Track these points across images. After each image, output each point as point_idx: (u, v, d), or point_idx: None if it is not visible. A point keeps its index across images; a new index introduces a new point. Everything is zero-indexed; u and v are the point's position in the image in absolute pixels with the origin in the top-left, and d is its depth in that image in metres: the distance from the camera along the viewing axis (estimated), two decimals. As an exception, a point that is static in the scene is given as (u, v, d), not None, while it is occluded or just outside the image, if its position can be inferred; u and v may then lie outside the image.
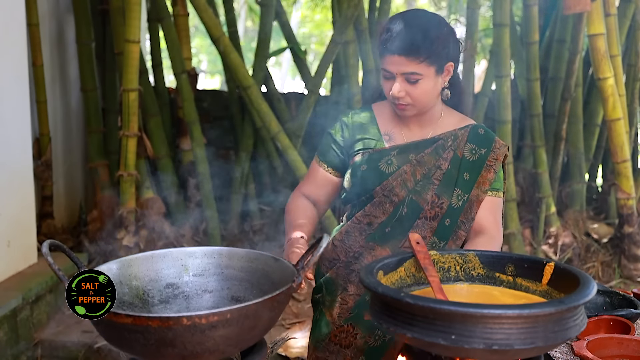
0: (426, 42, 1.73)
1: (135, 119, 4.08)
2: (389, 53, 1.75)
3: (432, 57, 1.74)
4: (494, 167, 1.87)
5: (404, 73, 1.75)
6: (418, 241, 1.47)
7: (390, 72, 1.77)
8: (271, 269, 1.47)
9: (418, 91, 1.77)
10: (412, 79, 1.75)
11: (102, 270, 1.41)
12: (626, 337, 1.50)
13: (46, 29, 4.55)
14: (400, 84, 1.76)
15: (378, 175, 1.84)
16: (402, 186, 1.83)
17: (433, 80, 1.78)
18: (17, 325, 3.36)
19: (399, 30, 1.74)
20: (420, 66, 1.74)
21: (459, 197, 1.84)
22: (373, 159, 1.86)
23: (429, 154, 1.85)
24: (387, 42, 1.75)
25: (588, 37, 4.44)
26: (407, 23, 1.75)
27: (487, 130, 1.92)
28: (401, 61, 1.74)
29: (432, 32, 1.75)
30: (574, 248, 4.79)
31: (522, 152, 5.20)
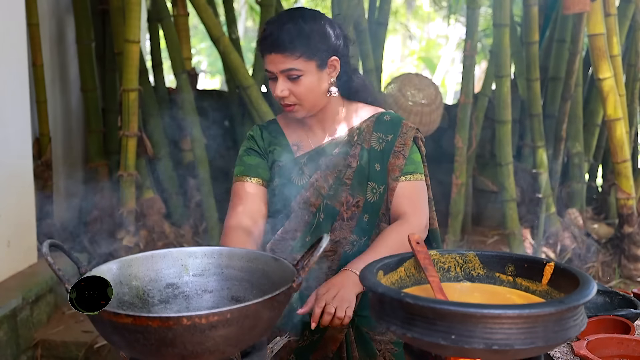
0: (301, 37, 1.71)
1: (135, 119, 4.08)
2: (267, 52, 1.74)
3: (309, 51, 1.72)
4: (403, 153, 1.83)
5: (283, 70, 1.72)
6: (418, 241, 1.47)
7: (271, 72, 1.74)
8: (271, 269, 1.47)
9: (301, 88, 1.74)
10: (293, 76, 1.72)
11: (102, 270, 1.41)
12: (626, 337, 1.50)
13: (46, 29, 4.55)
14: (283, 83, 1.74)
15: (291, 189, 1.82)
16: (316, 195, 1.81)
17: (316, 75, 1.75)
18: (17, 325, 3.36)
19: (274, 29, 1.73)
20: (298, 62, 1.71)
21: (374, 191, 1.82)
22: (284, 172, 1.84)
23: (337, 155, 1.83)
24: (263, 41, 1.74)
25: (588, 37, 4.44)
26: (281, 21, 1.74)
27: (393, 115, 1.90)
28: (278, 59, 1.71)
29: (307, 27, 1.72)
30: (574, 248, 4.79)
31: (522, 152, 5.21)
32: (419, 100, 4.82)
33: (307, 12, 1.78)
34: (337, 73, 1.80)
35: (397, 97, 4.84)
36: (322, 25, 1.76)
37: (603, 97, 4.45)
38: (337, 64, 1.79)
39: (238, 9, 10.63)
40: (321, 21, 1.77)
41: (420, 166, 1.87)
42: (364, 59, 4.86)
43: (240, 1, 10.77)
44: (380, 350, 1.89)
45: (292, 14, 1.77)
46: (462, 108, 4.81)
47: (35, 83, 4.33)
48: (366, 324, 1.88)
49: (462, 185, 4.87)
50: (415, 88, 4.84)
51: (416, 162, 1.86)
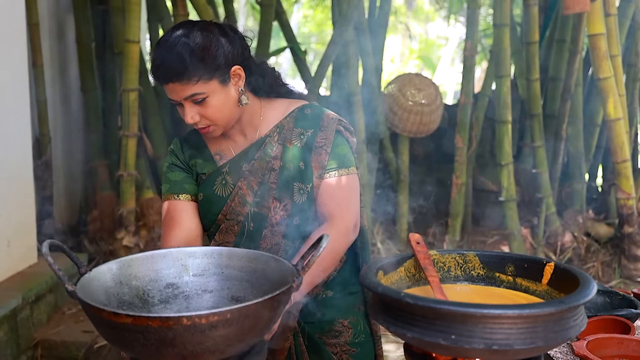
0: (193, 60, 1.60)
1: (135, 119, 4.08)
2: (163, 83, 1.64)
3: (206, 72, 1.61)
4: (325, 148, 1.72)
5: (187, 97, 1.63)
6: (418, 241, 1.47)
7: (175, 100, 1.66)
8: (271, 269, 1.47)
9: (210, 110, 1.65)
10: (198, 100, 1.63)
11: (102, 270, 1.41)
12: (626, 337, 1.50)
13: (46, 29, 4.55)
14: (190, 109, 1.64)
15: (216, 201, 1.76)
16: (242, 204, 1.74)
17: (222, 93, 1.65)
18: (17, 325, 3.36)
19: (163, 57, 1.62)
20: (198, 86, 1.61)
21: (302, 191, 1.73)
22: (207, 184, 1.77)
23: (259, 159, 1.74)
24: (156, 73, 1.64)
25: (588, 37, 4.45)
26: (169, 47, 1.62)
27: (314, 107, 1.79)
28: (177, 87, 1.62)
29: (196, 47, 1.61)
30: (574, 248, 4.79)
31: (522, 152, 5.21)
32: (419, 100, 4.82)
33: (193, 29, 1.65)
34: (243, 81, 1.70)
35: (397, 97, 4.84)
36: (213, 39, 1.64)
37: (603, 97, 4.45)
38: (240, 72, 1.69)
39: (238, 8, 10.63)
40: (210, 35, 1.64)
41: (346, 159, 1.75)
42: (364, 59, 4.87)
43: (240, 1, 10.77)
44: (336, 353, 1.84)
45: (178, 36, 1.63)
46: (462, 108, 4.81)
47: (35, 83, 4.33)
48: (317, 330, 1.83)
49: (462, 185, 4.87)
50: (415, 88, 4.84)
51: (341, 156, 1.75)
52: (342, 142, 1.77)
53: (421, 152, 5.54)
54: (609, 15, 4.44)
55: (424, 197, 5.41)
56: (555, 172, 5.07)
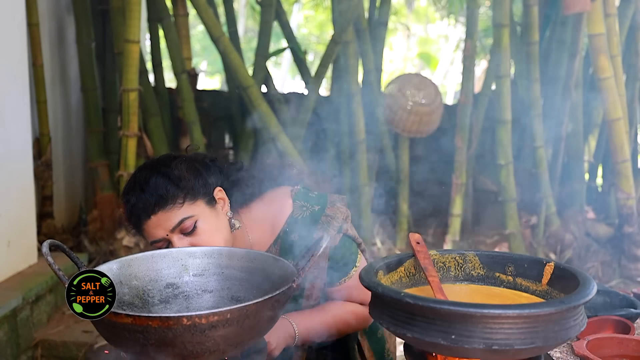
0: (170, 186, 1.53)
1: (135, 119, 4.08)
2: (145, 219, 1.53)
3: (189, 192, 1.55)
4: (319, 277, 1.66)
5: (174, 228, 1.54)
6: (418, 241, 1.47)
7: (162, 238, 1.55)
8: (271, 269, 1.47)
9: (203, 236, 1.56)
10: (188, 228, 1.55)
11: (102, 270, 1.41)
12: (626, 337, 1.50)
13: (46, 29, 4.55)
14: (181, 242, 1.55)
15: None
16: None
17: (211, 215, 1.58)
18: (17, 325, 3.36)
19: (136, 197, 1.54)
20: (184, 209, 1.54)
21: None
22: None
23: None
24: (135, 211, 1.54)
25: (588, 37, 4.44)
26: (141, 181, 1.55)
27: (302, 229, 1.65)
28: (161, 219, 1.53)
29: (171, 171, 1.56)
30: (574, 248, 4.79)
31: (522, 152, 5.20)
32: (419, 100, 4.82)
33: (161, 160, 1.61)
34: (228, 205, 1.63)
35: (397, 97, 4.84)
36: (185, 163, 1.59)
37: (603, 97, 4.45)
38: (223, 195, 1.63)
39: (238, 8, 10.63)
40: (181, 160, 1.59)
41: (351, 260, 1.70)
42: (364, 59, 4.86)
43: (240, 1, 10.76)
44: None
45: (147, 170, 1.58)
46: (462, 108, 4.81)
47: (35, 83, 4.32)
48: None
49: (462, 185, 4.87)
50: (415, 88, 4.84)
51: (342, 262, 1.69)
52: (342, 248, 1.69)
53: (421, 152, 5.54)
54: (609, 15, 4.44)
55: (424, 197, 5.41)
56: (555, 172, 5.07)
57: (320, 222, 1.65)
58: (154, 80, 4.96)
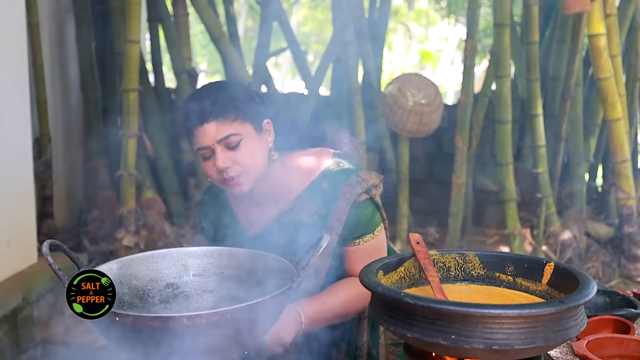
0: (231, 100, 1.62)
1: (135, 119, 4.08)
2: (197, 125, 1.61)
3: (242, 113, 1.62)
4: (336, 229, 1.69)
5: (221, 139, 1.60)
6: (418, 241, 1.47)
7: (207, 147, 1.61)
8: (271, 269, 1.47)
9: (243, 154, 1.61)
10: (232, 143, 1.60)
11: (102, 270, 1.41)
12: (626, 337, 1.50)
13: (46, 29, 4.55)
14: (223, 154, 1.61)
15: None
16: None
17: (255, 139, 1.64)
18: (18, 325, 3.36)
19: (199, 100, 1.63)
20: (235, 125, 1.60)
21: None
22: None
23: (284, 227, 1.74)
24: (190, 115, 1.62)
25: (588, 37, 4.44)
26: (203, 92, 1.66)
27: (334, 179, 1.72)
28: (213, 128, 1.59)
29: (232, 90, 1.65)
30: (574, 248, 4.79)
31: (522, 152, 5.20)
32: (419, 100, 4.82)
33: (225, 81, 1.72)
34: (272, 138, 1.70)
35: (397, 97, 4.84)
36: (245, 89, 1.69)
37: (603, 97, 4.45)
38: (271, 128, 1.70)
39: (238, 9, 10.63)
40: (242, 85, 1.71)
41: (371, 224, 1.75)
42: (364, 59, 4.86)
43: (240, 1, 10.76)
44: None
45: (210, 85, 1.70)
46: (462, 108, 4.81)
47: (35, 83, 4.32)
48: None
49: (462, 185, 4.87)
50: (415, 88, 4.84)
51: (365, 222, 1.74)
52: (365, 209, 1.73)
53: (421, 152, 5.54)
54: (609, 15, 4.44)
55: (424, 197, 5.41)
56: (555, 172, 5.07)
57: (351, 180, 1.71)
58: (154, 80, 4.96)
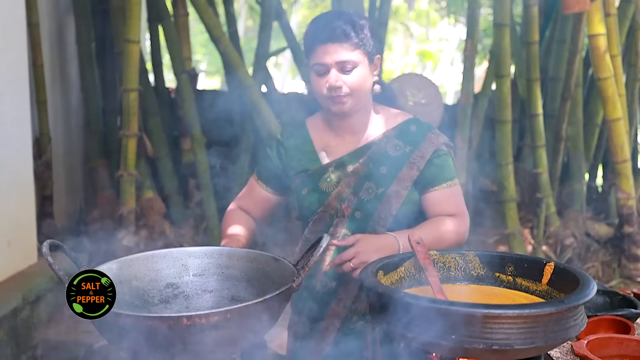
0: (357, 29, 1.74)
1: (135, 119, 4.08)
2: (321, 43, 1.73)
3: (364, 43, 1.75)
4: (417, 164, 1.81)
5: (339, 62, 1.72)
6: (418, 241, 1.47)
7: (325, 64, 1.73)
8: (271, 269, 1.47)
9: (354, 79, 1.74)
10: (347, 68, 1.73)
11: (102, 270, 1.41)
12: (626, 337, 1.50)
13: (46, 29, 4.55)
14: (336, 74, 1.74)
15: (319, 196, 1.83)
16: (338, 200, 1.82)
17: (367, 69, 1.78)
18: (17, 325, 3.36)
19: (329, 20, 1.75)
20: (355, 53, 1.73)
21: (370, 191, 1.81)
22: (313, 179, 1.84)
23: (362, 163, 1.82)
24: (317, 33, 1.74)
25: (588, 37, 4.44)
26: (334, 15, 1.80)
27: (421, 125, 1.88)
28: (335, 49, 1.72)
29: (361, 20, 1.77)
30: (574, 248, 4.79)
31: (522, 152, 5.20)
32: (419, 100, 4.82)
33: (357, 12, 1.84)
34: (378, 73, 1.84)
35: (397, 97, 4.84)
36: (370, 25, 1.81)
37: (603, 97, 4.45)
38: (379, 64, 1.83)
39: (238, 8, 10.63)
40: (368, 21, 1.81)
41: (451, 173, 1.87)
42: (364, 59, 4.86)
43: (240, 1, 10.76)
44: None
45: (342, 10, 1.83)
46: (462, 108, 4.80)
47: (35, 83, 4.32)
48: None
49: (462, 185, 4.87)
50: (415, 88, 4.84)
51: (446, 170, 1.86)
52: (447, 158, 1.86)
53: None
54: (609, 15, 4.44)
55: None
56: (555, 172, 5.06)
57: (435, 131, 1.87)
58: (154, 80, 4.96)
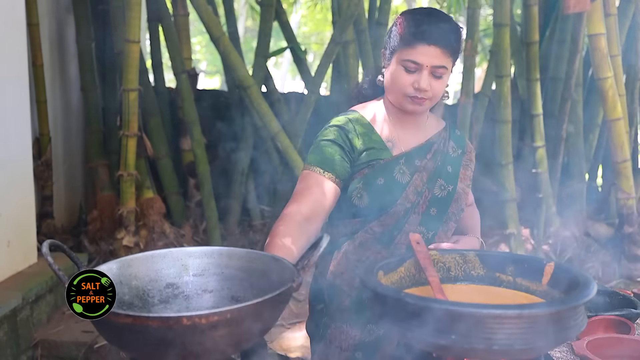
0: (459, 38, 1.74)
1: (135, 119, 4.08)
2: (423, 43, 1.69)
3: (456, 53, 1.74)
4: (471, 167, 1.93)
5: (434, 66, 1.70)
6: (418, 241, 1.47)
7: (418, 64, 1.70)
8: (271, 269, 1.47)
9: (440, 86, 1.74)
10: (438, 73, 1.71)
11: (102, 270, 1.41)
12: (626, 337, 1.50)
13: (46, 29, 4.55)
14: (427, 77, 1.71)
15: (397, 187, 1.79)
16: (415, 193, 1.81)
17: (448, 77, 1.78)
18: (17, 325, 3.36)
19: (437, 21, 1.71)
20: (449, 60, 1.72)
21: (443, 188, 1.84)
22: (387, 170, 1.80)
23: (430, 160, 1.84)
24: (422, 31, 1.69)
25: (588, 37, 4.44)
26: (442, 17, 1.75)
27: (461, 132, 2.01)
28: (434, 52, 1.69)
29: (459, 29, 1.76)
30: (574, 248, 4.79)
31: (522, 152, 5.20)
32: (419, 100, 4.81)
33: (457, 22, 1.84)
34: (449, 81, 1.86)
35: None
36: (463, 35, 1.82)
37: (603, 97, 4.45)
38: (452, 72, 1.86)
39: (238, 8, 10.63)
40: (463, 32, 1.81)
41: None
42: (364, 59, 4.86)
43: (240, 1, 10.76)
44: None
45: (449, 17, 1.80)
46: (462, 108, 4.80)
47: (35, 83, 4.33)
48: None
49: (462, 185, 4.86)
50: (415, 88, 4.84)
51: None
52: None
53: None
54: (609, 15, 4.44)
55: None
56: (555, 172, 5.06)
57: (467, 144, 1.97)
58: (154, 80, 4.96)
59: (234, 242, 4.70)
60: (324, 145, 1.81)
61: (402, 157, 1.82)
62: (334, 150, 1.79)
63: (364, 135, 1.82)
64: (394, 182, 1.79)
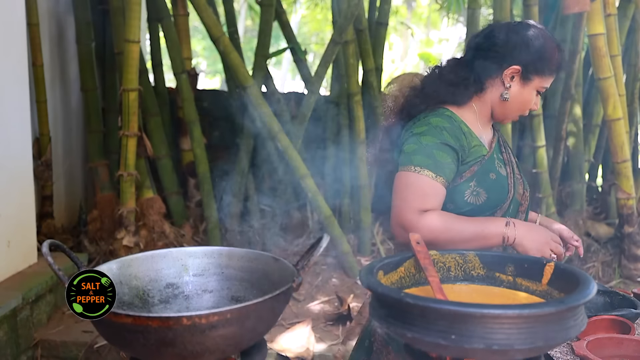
0: None
1: (135, 119, 4.08)
2: (556, 73, 1.87)
3: None
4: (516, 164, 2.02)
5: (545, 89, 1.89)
6: (418, 241, 1.47)
7: (545, 89, 1.88)
8: (271, 269, 1.47)
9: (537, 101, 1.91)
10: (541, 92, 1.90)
11: (102, 270, 1.41)
12: (626, 337, 1.50)
13: (46, 29, 4.55)
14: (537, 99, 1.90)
15: (504, 180, 1.85)
16: (522, 185, 1.92)
17: None
18: (17, 325, 3.36)
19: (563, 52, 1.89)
20: None
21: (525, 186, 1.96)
22: (492, 164, 1.85)
23: (504, 152, 1.94)
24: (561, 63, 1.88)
25: (588, 37, 4.44)
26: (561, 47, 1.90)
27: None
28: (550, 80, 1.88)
29: None
30: (574, 248, 4.78)
31: (522, 152, 5.20)
32: (419, 100, 4.81)
33: None
34: None
35: (397, 97, 4.83)
36: None
37: (603, 97, 4.45)
38: None
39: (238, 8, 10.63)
40: None
41: None
42: (364, 59, 4.86)
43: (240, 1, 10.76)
44: None
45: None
46: (462, 108, 4.80)
47: (35, 83, 4.33)
48: None
49: (462, 185, 4.86)
50: (415, 88, 4.83)
51: None
52: None
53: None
54: (609, 15, 4.44)
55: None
56: (555, 172, 5.06)
57: None
58: (154, 80, 4.96)
59: (234, 242, 4.70)
60: (433, 148, 1.75)
61: (494, 151, 1.91)
62: (445, 154, 1.75)
63: (468, 134, 1.84)
64: (501, 177, 1.86)
